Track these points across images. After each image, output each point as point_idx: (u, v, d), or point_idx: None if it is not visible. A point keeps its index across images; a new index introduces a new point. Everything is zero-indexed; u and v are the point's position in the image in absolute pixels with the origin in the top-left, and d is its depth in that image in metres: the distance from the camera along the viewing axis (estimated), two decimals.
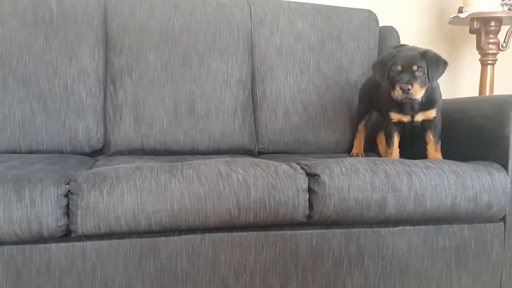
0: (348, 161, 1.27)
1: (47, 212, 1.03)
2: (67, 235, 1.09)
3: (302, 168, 1.24)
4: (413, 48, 1.46)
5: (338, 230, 1.25)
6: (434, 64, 1.40)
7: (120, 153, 1.68)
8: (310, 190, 1.21)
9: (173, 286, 1.15)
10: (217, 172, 1.17)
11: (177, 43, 1.75)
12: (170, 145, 1.70)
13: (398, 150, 1.55)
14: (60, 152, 1.60)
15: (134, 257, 1.12)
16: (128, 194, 1.09)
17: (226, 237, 1.18)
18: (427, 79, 1.39)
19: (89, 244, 1.09)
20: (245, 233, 1.19)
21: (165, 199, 1.11)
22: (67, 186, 1.08)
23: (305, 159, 1.37)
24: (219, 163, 1.21)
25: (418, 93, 1.37)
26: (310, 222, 1.22)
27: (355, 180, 1.21)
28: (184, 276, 1.15)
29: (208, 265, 1.17)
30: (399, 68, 1.38)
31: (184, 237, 1.15)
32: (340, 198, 1.20)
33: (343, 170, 1.23)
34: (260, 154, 1.82)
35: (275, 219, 1.18)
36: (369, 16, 2.01)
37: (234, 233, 1.19)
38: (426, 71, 1.38)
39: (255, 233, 1.20)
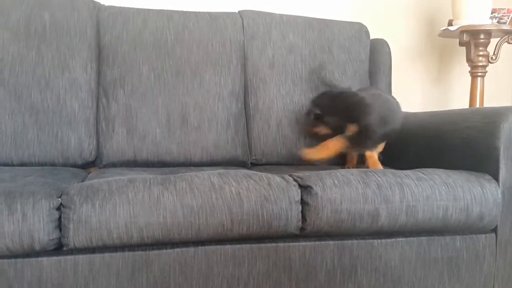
0: (340, 173, 1.28)
1: (38, 226, 1.02)
2: (59, 248, 1.08)
3: (294, 180, 1.25)
4: None
5: (331, 242, 1.25)
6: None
7: (113, 165, 1.67)
8: (303, 202, 1.21)
9: None
10: (210, 185, 1.17)
11: (170, 55, 1.75)
12: (163, 157, 1.70)
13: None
14: (52, 164, 1.59)
15: (127, 270, 1.11)
16: (120, 207, 1.08)
17: (219, 250, 1.18)
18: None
19: (81, 257, 1.08)
20: (238, 246, 1.19)
21: (157, 211, 1.10)
22: (59, 199, 1.08)
23: (298, 171, 1.38)
24: (212, 175, 1.21)
25: None
26: (303, 234, 1.22)
27: (348, 191, 1.22)
28: None
29: (201, 278, 1.16)
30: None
31: (177, 250, 1.15)
32: (332, 209, 1.20)
33: (336, 182, 1.23)
34: (253, 165, 1.82)
35: (268, 231, 1.18)
36: (360, 29, 2.03)
37: (227, 246, 1.18)
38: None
39: (248, 245, 1.20)
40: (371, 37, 2.05)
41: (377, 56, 2.05)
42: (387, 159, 1.87)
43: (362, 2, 2.35)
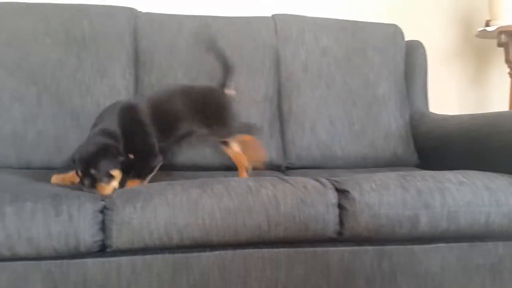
0: (377, 177, 1.26)
1: (84, 228, 1.05)
2: (102, 250, 1.11)
3: (331, 183, 1.24)
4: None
5: (370, 247, 1.23)
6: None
7: None
8: (340, 206, 1.20)
9: None
10: (246, 188, 1.18)
11: (204, 60, 1.77)
12: (199, 161, 1.72)
13: None
14: None
15: (167, 272, 1.13)
16: (160, 208, 1.10)
17: (257, 253, 1.18)
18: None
19: (123, 259, 1.11)
20: (275, 250, 1.19)
21: (196, 213, 1.12)
22: (103, 202, 1.11)
23: (333, 174, 1.37)
24: (248, 179, 1.23)
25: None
26: (341, 238, 1.22)
27: (386, 196, 1.20)
28: None
29: (240, 281, 1.17)
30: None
31: (215, 253, 1.16)
32: (371, 214, 1.19)
33: (373, 186, 1.22)
34: (287, 169, 1.82)
35: (305, 234, 1.18)
36: (395, 31, 2.01)
37: (265, 250, 1.19)
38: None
39: (285, 249, 1.20)
40: (406, 38, 2.02)
41: (412, 58, 2.02)
42: (426, 161, 1.85)
43: (396, 3, 2.32)
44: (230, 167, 1.73)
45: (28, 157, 1.61)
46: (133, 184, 1.31)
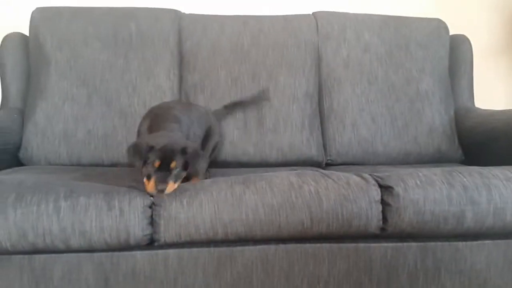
0: (422, 173, 1.25)
1: (134, 222, 1.10)
2: (150, 243, 1.15)
3: (374, 179, 1.24)
4: (173, 140, 1.25)
5: (414, 243, 1.23)
6: (194, 159, 1.22)
7: None
8: (383, 202, 1.20)
9: None
10: (289, 184, 1.19)
11: (246, 59, 1.81)
12: (240, 157, 1.76)
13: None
14: None
15: (212, 265, 1.17)
16: (206, 204, 1.14)
17: (300, 248, 1.20)
18: (183, 173, 1.21)
19: (171, 252, 1.16)
20: (318, 245, 1.21)
21: (240, 209, 1.15)
22: (151, 198, 1.15)
23: (376, 171, 1.36)
24: (290, 175, 1.24)
25: (171, 189, 1.17)
26: (384, 234, 1.21)
27: (431, 192, 1.19)
28: (260, 285, 1.18)
29: (283, 276, 1.19)
30: (157, 164, 1.17)
31: (258, 247, 1.19)
32: (415, 211, 1.18)
33: (418, 182, 1.21)
34: (328, 166, 1.83)
35: (348, 230, 1.18)
36: (439, 25, 1.97)
37: (307, 245, 1.20)
38: (184, 167, 1.20)
39: (328, 244, 1.21)
40: (452, 33, 1.97)
41: (457, 53, 1.97)
42: (471, 158, 1.80)
43: None
44: (271, 164, 1.76)
45: (79, 155, 1.69)
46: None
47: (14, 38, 1.80)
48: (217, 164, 1.75)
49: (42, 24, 1.76)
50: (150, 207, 1.14)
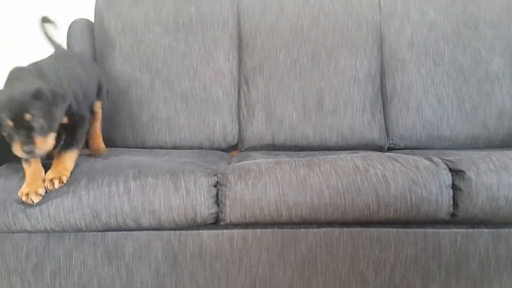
0: (495, 156, 1.19)
1: (200, 201, 1.12)
2: (216, 223, 1.17)
3: (444, 163, 1.19)
4: (22, 88, 1.04)
5: (486, 230, 1.17)
6: (51, 103, 1.05)
7: (253, 148, 1.75)
8: (454, 187, 1.15)
9: (313, 277, 1.18)
10: (354, 167, 1.17)
11: (305, 40, 1.77)
12: (299, 141, 1.74)
13: None
14: (200, 147, 1.72)
15: (276, 246, 1.17)
16: (270, 186, 1.14)
17: (365, 232, 1.18)
18: (50, 125, 1.05)
19: (235, 231, 1.17)
20: (384, 229, 1.18)
21: (304, 192, 1.14)
22: (216, 177, 1.17)
23: (443, 155, 1.31)
24: (355, 158, 1.21)
25: (45, 146, 1.04)
26: (454, 220, 1.17)
27: (506, 177, 1.13)
28: (324, 268, 1.18)
29: (347, 259, 1.18)
30: (10, 124, 1.01)
31: (323, 229, 1.18)
32: (488, 196, 1.13)
33: (491, 166, 1.15)
34: (390, 150, 1.78)
35: (416, 216, 1.15)
36: (510, 3, 1.84)
37: (373, 229, 1.18)
38: (47, 114, 1.04)
39: (394, 229, 1.18)
40: None
41: None
42: None
43: None
44: (330, 147, 1.73)
45: (143, 137, 1.74)
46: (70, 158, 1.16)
47: (80, 24, 1.85)
48: (276, 148, 1.74)
49: (106, 9, 1.80)
50: (215, 185, 1.16)
